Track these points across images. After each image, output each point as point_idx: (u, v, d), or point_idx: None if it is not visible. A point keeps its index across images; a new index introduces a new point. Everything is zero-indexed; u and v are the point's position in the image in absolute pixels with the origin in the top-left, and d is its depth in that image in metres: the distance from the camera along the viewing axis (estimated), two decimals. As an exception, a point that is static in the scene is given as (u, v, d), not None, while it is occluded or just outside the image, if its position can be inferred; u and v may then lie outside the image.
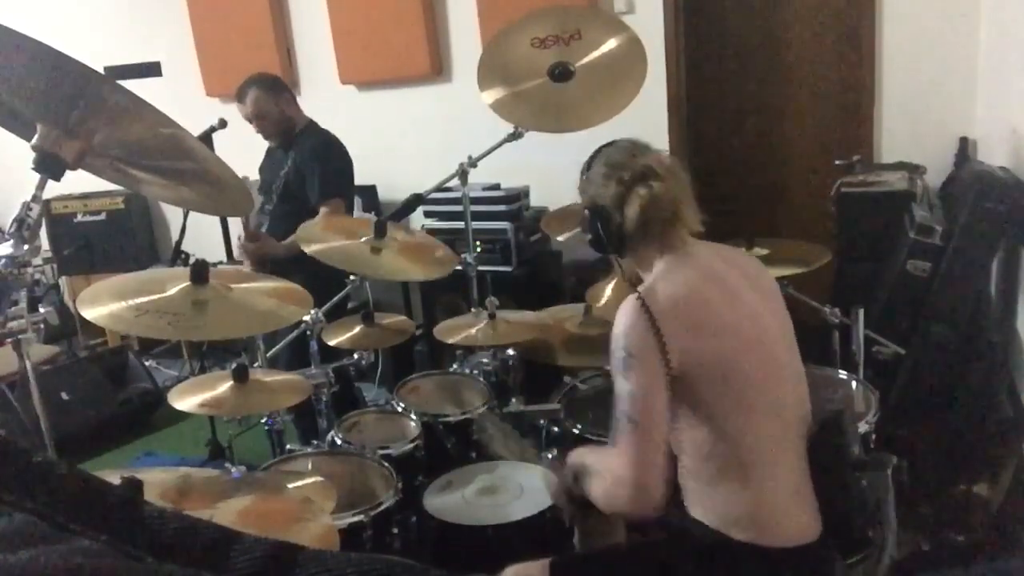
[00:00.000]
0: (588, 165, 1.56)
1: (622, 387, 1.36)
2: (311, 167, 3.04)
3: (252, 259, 2.94)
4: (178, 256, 3.28)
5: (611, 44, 2.56)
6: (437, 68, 4.18)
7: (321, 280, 2.29)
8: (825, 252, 2.33)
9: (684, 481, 1.44)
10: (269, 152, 3.27)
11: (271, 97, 3.07)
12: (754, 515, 1.37)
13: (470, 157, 2.61)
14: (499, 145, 2.61)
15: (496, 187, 3.78)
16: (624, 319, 1.38)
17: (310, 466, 1.97)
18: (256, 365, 2.25)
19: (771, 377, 1.40)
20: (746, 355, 1.37)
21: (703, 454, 1.39)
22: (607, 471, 1.40)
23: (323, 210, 3.02)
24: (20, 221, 1.46)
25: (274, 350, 2.48)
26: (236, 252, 3.10)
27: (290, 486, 1.67)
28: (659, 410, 1.33)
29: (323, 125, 3.22)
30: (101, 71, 1.63)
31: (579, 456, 1.53)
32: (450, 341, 2.42)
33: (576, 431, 2.04)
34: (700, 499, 1.42)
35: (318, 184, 3.03)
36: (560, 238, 2.60)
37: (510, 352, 2.46)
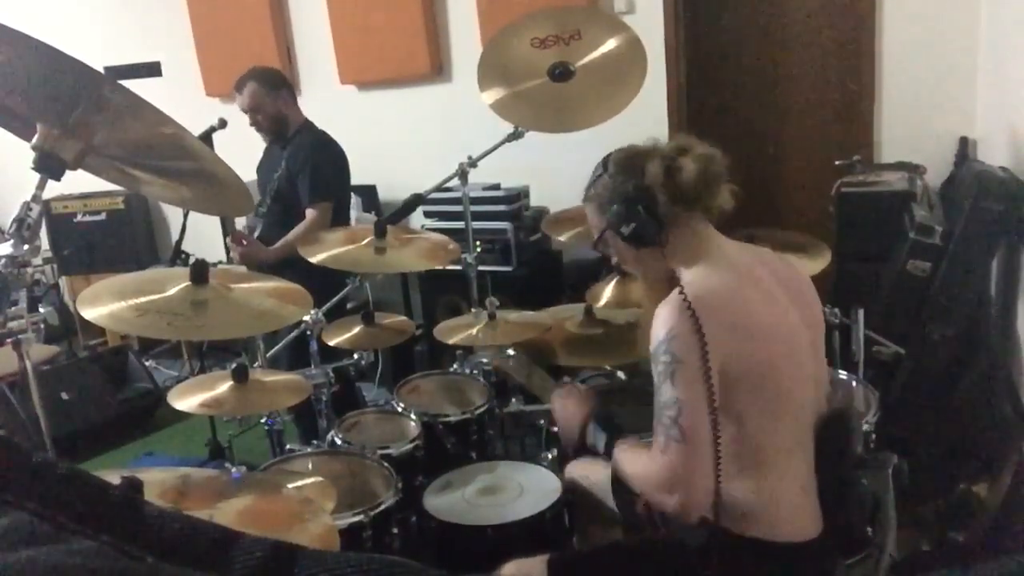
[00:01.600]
0: (599, 172, 1.53)
1: (669, 394, 1.33)
2: (302, 168, 3.04)
3: (241, 263, 2.94)
4: (178, 256, 3.27)
5: (611, 44, 2.56)
6: (437, 68, 4.19)
7: (318, 281, 2.29)
8: (825, 251, 2.32)
9: None
10: (267, 152, 3.26)
11: (268, 93, 3.07)
12: (763, 511, 1.36)
13: (470, 157, 2.61)
14: (499, 145, 2.61)
15: (496, 187, 3.78)
16: (667, 321, 1.34)
17: (310, 466, 1.97)
18: (256, 365, 2.25)
19: (797, 381, 1.39)
20: (780, 359, 1.36)
21: (726, 454, 1.35)
22: (654, 475, 1.37)
23: (310, 213, 3.01)
24: (20, 221, 1.46)
25: (274, 350, 2.48)
26: (231, 255, 3.08)
27: (290, 486, 1.67)
28: (706, 417, 1.31)
29: (323, 125, 3.22)
30: (101, 71, 1.63)
31: (618, 453, 1.50)
32: (450, 341, 2.42)
33: (576, 431, 2.03)
34: None
35: (307, 186, 3.02)
36: (560, 238, 2.60)
37: (510, 352, 2.46)
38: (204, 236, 3.52)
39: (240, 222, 3.42)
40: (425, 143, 4.23)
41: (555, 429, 2.14)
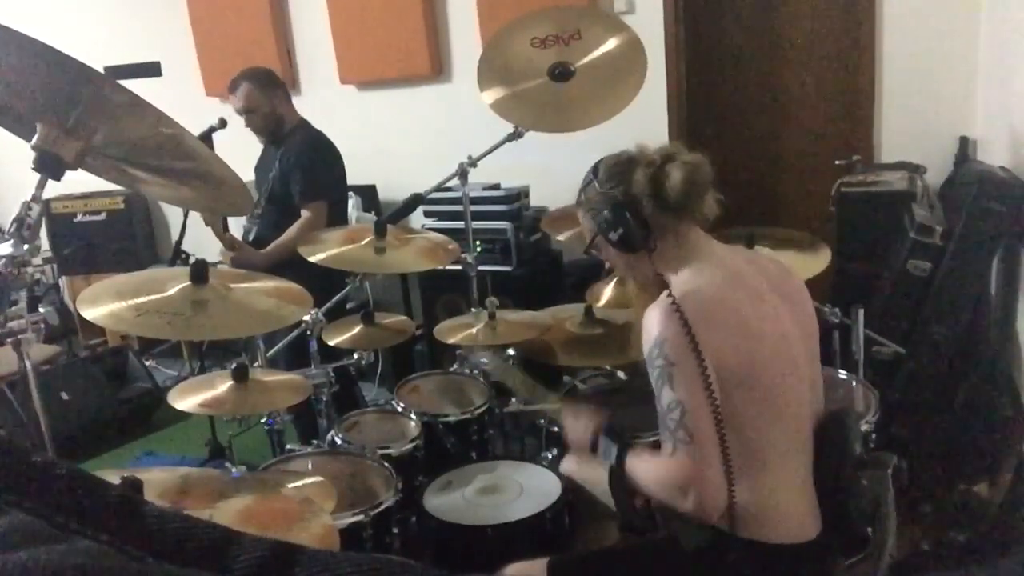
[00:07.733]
0: (589, 179, 1.54)
1: (668, 397, 1.33)
2: (294, 168, 3.02)
3: (233, 267, 2.92)
4: (178, 256, 3.27)
5: (611, 44, 2.56)
6: (437, 68, 4.19)
7: (318, 281, 2.29)
8: (825, 251, 2.32)
9: None
10: (263, 152, 3.25)
11: (263, 93, 3.06)
12: (761, 512, 1.37)
13: (470, 157, 2.61)
14: (499, 145, 2.60)
15: (496, 187, 3.78)
16: (657, 324, 1.35)
17: (310, 466, 1.97)
18: (256, 365, 2.25)
19: (791, 381, 1.39)
20: (771, 358, 1.37)
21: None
22: (667, 479, 1.38)
23: (304, 214, 3.00)
24: (20, 221, 1.46)
25: (274, 350, 2.48)
26: (221, 259, 3.03)
27: (290, 486, 1.67)
28: (709, 415, 1.32)
29: (323, 125, 3.21)
30: (101, 71, 1.63)
31: (631, 464, 1.50)
32: (450, 341, 2.42)
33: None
34: None
35: (300, 186, 3.01)
36: (560, 238, 2.60)
37: (510, 352, 2.46)
38: (204, 236, 3.51)
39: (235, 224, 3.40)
40: (425, 143, 4.23)
41: (556, 429, 2.14)
